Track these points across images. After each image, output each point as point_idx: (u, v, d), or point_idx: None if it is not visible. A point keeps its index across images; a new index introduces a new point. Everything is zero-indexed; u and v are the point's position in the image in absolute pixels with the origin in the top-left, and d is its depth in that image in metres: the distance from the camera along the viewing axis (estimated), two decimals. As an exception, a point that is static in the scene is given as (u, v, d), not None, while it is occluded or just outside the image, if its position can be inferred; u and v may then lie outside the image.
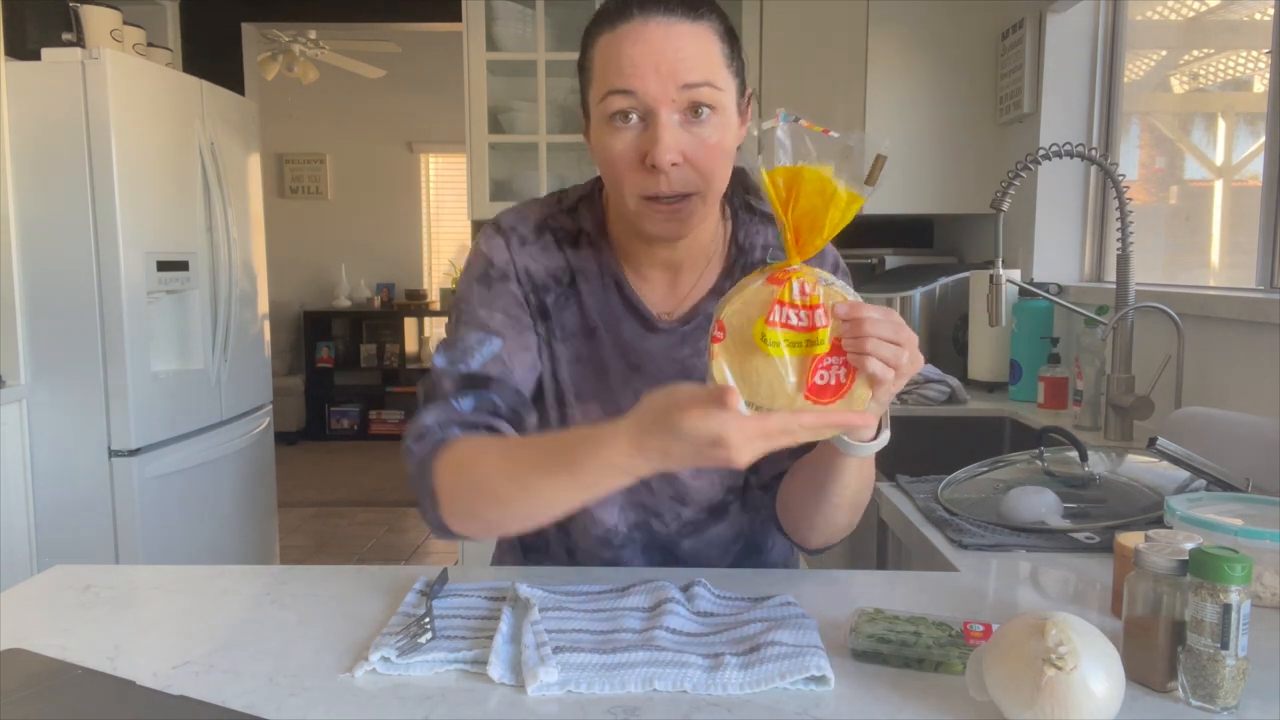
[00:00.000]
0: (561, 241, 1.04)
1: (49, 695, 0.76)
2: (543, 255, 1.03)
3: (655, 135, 0.89)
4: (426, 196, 7.26)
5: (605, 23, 0.92)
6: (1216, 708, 0.74)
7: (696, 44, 0.90)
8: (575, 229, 1.05)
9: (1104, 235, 2.47)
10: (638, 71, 0.89)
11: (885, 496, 1.42)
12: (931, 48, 2.70)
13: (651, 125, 0.90)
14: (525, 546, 1.18)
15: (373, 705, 0.75)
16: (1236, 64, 2.09)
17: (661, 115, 0.89)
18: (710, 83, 0.90)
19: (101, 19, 2.95)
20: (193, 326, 3.10)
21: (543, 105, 3.12)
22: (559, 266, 1.03)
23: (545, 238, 1.04)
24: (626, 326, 1.04)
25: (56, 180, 2.66)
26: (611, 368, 1.04)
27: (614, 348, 1.04)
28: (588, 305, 1.03)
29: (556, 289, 1.03)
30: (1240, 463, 1.25)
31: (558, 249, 1.04)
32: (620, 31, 0.90)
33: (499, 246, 1.03)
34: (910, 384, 2.22)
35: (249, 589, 1.02)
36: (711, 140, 0.91)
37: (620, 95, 0.90)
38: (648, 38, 0.89)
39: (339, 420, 6.97)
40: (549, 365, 1.04)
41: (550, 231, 1.04)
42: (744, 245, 1.06)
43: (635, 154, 0.91)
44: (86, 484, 2.75)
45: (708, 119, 0.91)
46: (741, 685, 0.77)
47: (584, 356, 1.04)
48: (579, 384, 1.04)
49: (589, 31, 0.95)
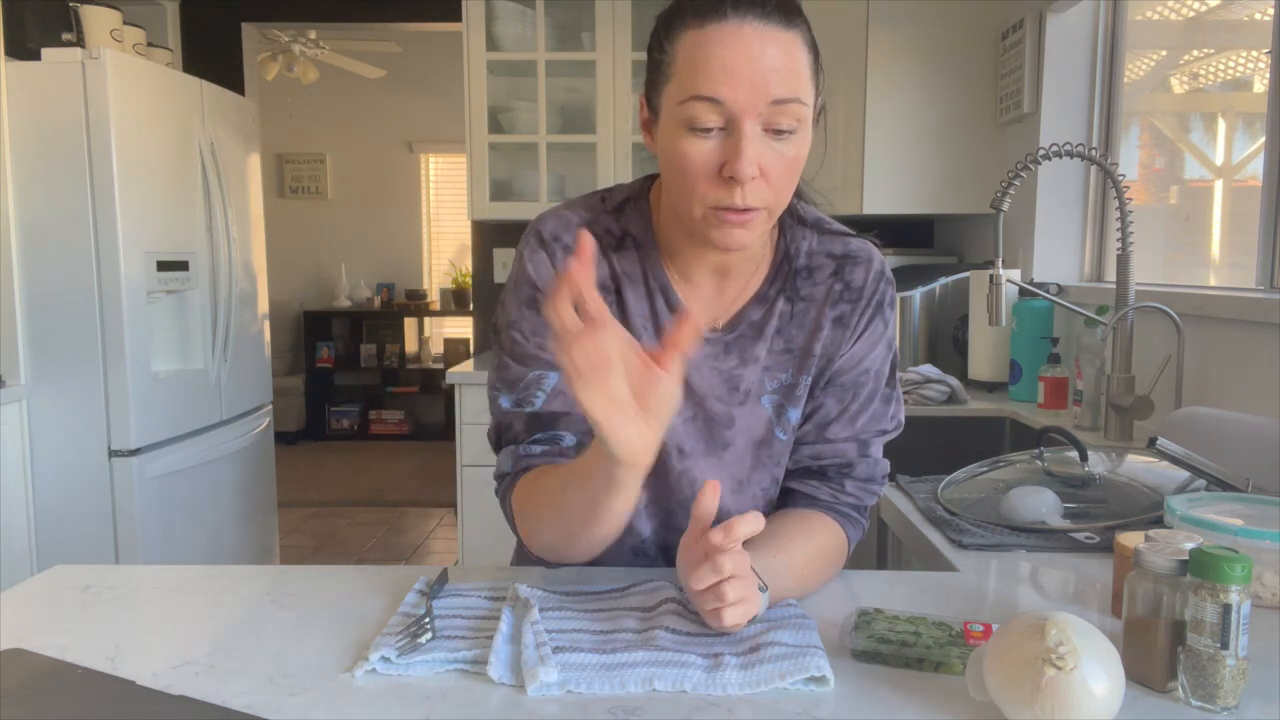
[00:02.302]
0: (606, 247, 0.99)
1: (49, 695, 0.76)
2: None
3: (738, 147, 0.84)
4: (426, 196, 7.26)
5: (692, 16, 0.85)
6: (1216, 708, 0.74)
7: (789, 55, 0.85)
8: (620, 232, 1.00)
9: (1104, 235, 2.47)
10: (728, 79, 0.83)
11: (885, 496, 1.42)
12: (931, 48, 2.70)
13: (734, 135, 0.85)
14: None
15: (373, 705, 0.75)
16: (1236, 64, 2.09)
17: (745, 127, 0.84)
18: (799, 98, 0.85)
19: (101, 19, 2.95)
20: (193, 326, 3.10)
21: (543, 105, 3.12)
22: (604, 275, 0.99)
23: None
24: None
25: (56, 180, 2.66)
26: None
27: None
28: (631, 313, 0.99)
29: (605, 297, 0.97)
30: (1240, 463, 1.25)
31: (602, 255, 0.99)
32: (710, 31, 0.84)
33: (543, 263, 0.98)
34: (910, 384, 2.22)
35: (249, 589, 1.02)
36: (789, 155, 0.87)
37: (705, 102, 0.84)
38: (743, 43, 0.83)
39: (339, 420, 6.97)
40: None
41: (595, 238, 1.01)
42: (790, 252, 1.02)
43: (714, 163, 0.86)
44: (86, 484, 2.75)
45: (789, 134, 0.87)
46: (741, 685, 0.77)
47: None
48: None
49: (669, 21, 0.88)
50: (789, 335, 1.02)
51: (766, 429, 1.02)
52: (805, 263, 1.02)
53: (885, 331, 1.04)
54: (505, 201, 3.24)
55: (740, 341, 1.01)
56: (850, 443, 1.04)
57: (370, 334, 7.04)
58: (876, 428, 1.05)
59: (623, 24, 3.07)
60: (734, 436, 1.02)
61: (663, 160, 0.91)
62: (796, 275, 1.01)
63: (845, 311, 1.01)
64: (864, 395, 1.03)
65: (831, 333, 1.01)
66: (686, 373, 0.94)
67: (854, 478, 1.05)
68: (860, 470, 1.05)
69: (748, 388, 1.01)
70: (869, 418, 1.04)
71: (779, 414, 1.02)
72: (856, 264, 1.03)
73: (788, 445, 1.04)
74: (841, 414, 1.03)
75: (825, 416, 1.04)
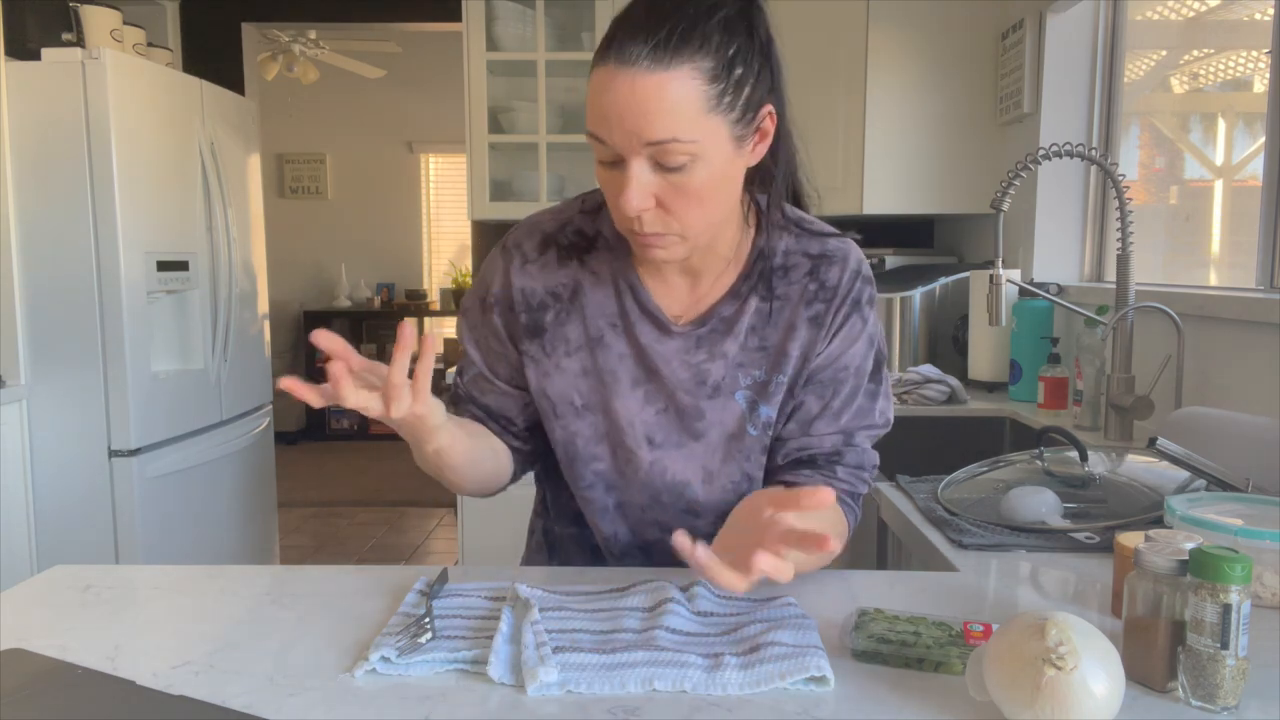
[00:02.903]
0: (571, 252, 1.04)
1: (49, 695, 0.76)
2: (542, 274, 1.04)
3: (621, 184, 0.88)
4: (426, 196, 7.26)
5: (598, 55, 0.88)
6: (1216, 708, 0.74)
7: (664, 97, 0.84)
8: (594, 232, 1.04)
9: (1104, 235, 2.47)
10: (604, 123, 0.87)
11: (885, 496, 1.42)
12: (931, 48, 2.70)
13: (623, 171, 0.88)
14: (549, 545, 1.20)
15: (373, 705, 0.75)
16: (1236, 64, 2.09)
17: (631, 165, 0.87)
18: (676, 138, 0.85)
19: (101, 19, 2.95)
20: (193, 326, 3.10)
21: (543, 105, 3.12)
22: (560, 283, 1.04)
23: (549, 254, 1.04)
24: (642, 330, 1.03)
25: (56, 180, 2.66)
26: (622, 375, 1.04)
27: (628, 351, 1.03)
28: (592, 315, 1.03)
29: (556, 305, 1.04)
30: (1240, 463, 1.25)
31: (560, 265, 1.04)
32: (596, 74, 0.87)
33: (499, 271, 1.06)
34: (910, 384, 2.22)
35: (249, 589, 1.02)
36: (690, 186, 0.88)
37: (596, 140, 0.89)
38: (615, 89, 0.85)
39: (339, 420, 6.97)
40: (537, 382, 1.05)
41: (557, 246, 1.04)
42: (766, 251, 1.04)
43: (615, 190, 0.90)
44: (86, 484, 2.75)
45: (685, 166, 0.87)
46: (741, 685, 0.77)
47: (590, 368, 1.04)
48: (585, 396, 1.05)
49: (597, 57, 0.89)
50: (763, 333, 1.03)
51: (739, 424, 1.05)
52: (781, 261, 1.04)
53: (864, 328, 1.05)
54: (505, 201, 3.24)
55: (711, 336, 1.03)
56: (836, 435, 1.06)
57: (370, 334, 7.04)
58: (862, 424, 1.07)
59: (623, 24, 3.06)
60: (705, 429, 1.04)
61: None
62: (772, 274, 1.03)
63: (820, 311, 1.03)
64: (845, 392, 1.05)
65: (807, 332, 1.03)
66: (657, 365, 1.03)
67: (844, 464, 1.06)
68: (849, 458, 1.06)
69: (716, 382, 1.03)
70: (853, 414, 1.06)
71: (752, 409, 1.04)
72: (832, 263, 1.04)
73: (759, 440, 1.06)
74: (824, 411, 1.05)
75: (808, 414, 1.06)
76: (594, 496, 1.09)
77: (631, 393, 1.04)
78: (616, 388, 1.04)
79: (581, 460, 1.07)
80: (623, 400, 1.04)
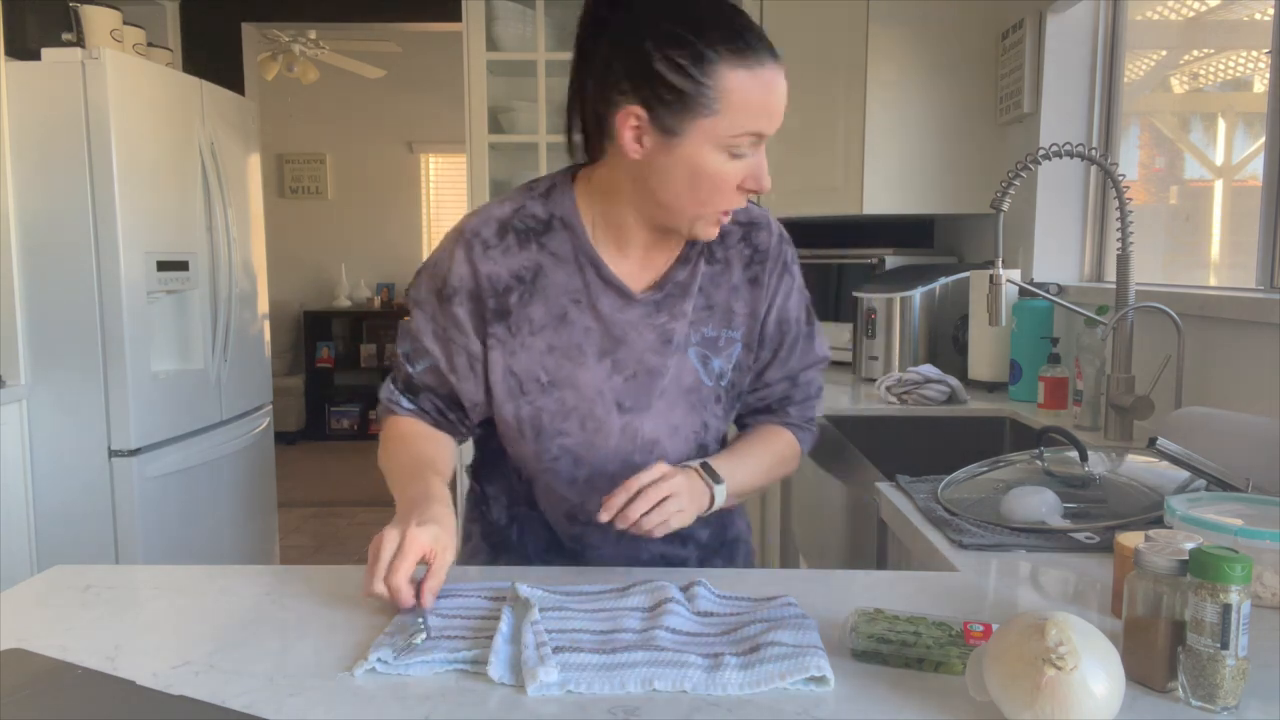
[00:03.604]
0: (529, 235, 1.10)
1: (49, 695, 0.76)
2: (504, 258, 1.09)
3: (762, 168, 1.02)
4: (426, 196, 7.26)
5: (733, 56, 0.96)
6: (1216, 708, 0.74)
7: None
8: (548, 215, 1.10)
9: (1104, 235, 2.47)
10: (772, 119, 1.00)
11: (885, 496, 1.42)
12: (931, 48, 2.70)
13: (757, 157, 1.01)
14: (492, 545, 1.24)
15: (373, 705, 0.75)
16: (1236, 64, 2.09)
17: (761, 151, 1.02)
18: None
19: (101, 19, 2.95)
20: (193, 326, 3.10)
21: (543, 105, 3.12)
22: (522, 265, 1.09)
23: (508, 238, 1.09)
24: (606, 302, 1.10)
25: (56, 180, 2.66)
26: (587, 348, 1.10)
27: (593, 326, 1.10)
28: (555, 295, 1.09)
29: (520, 287, 1.09)
30: (1240, 463, 1.25)
31: (520, 248, 1.09)
32: (757, 75, 0.97)
33: (460, 260, 1.09)
34: (910, 384, 2.22)
35: (249, 589, 1.02)
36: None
37: (754, 135, 0.99)
38: (779, 89, 0.99)
39: (339, 420, 6.97)
40: (503, 362, 1.10)
41: (514, 231, 1.10)
42: None
43: (740, 178, 1.02)
44: (86, 484, 2.75)
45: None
46: (741, 685, 0.77)
47: (557, 345, 1.10)
48: (551, 373, 1.10)
49: (707, 52, 0.96)
50: (709, 293, 1.14)
51: (694, 377, 1.14)
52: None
53: (794, 284, 1.21)
54: (505, 201, 3.24)
55: (669, 300, 1.12)
56: (784, 381, 1.22)
57: (370, 334, 7.04)
58: (805, 363, 1.23)
59: (623, 24, 3.07)
60: (667, 385, 1.13)
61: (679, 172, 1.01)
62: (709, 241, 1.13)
63: (757, 272, 1.16)
64: (789, 340, 1.21)
65: (749, 292, 1.16)
66: (625, 334, 1.11)
67: (794, 403, 1.24)
68: (798, 395, 1.24)
69: (679, 341, 1.13)
70: (798, 357, 1.22)
71: (704, 363, 1.15)
72: (759, 229, 1.18)
73: (714, 391, 1.16)
74: (773, 360, 1.21)
75: (761, 365, 1.20)
76: (560, 469, 1.13)
77: (599, 363, 1.10)
78: (583, 360, 1.10)
79: (547, 435, 1.12)
80: (589, 372, 1.10)
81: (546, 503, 1.18)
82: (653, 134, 0.99)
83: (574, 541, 1.19)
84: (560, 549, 1.21)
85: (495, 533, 1.24)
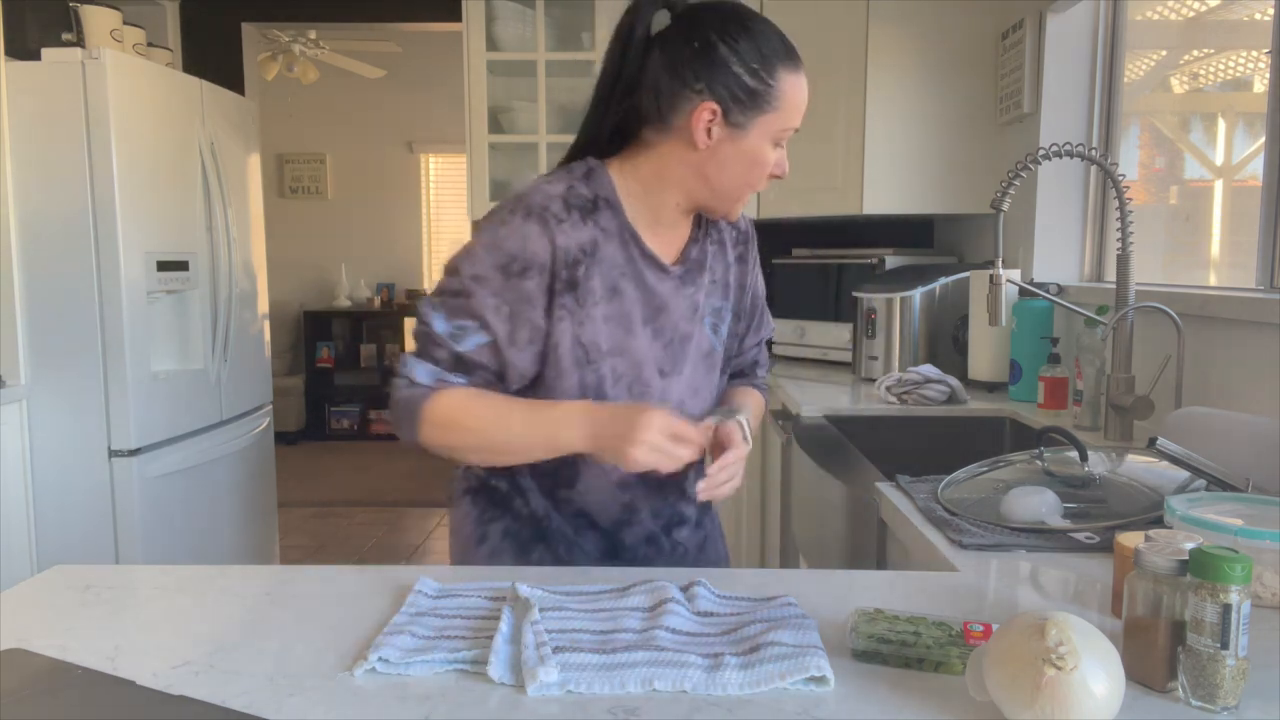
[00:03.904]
0: (585, 213, 1.15)
1: (49, 695, 0.76)
2: (573, 230, 1.14)
3: (785, 157, 1.19)
4: (426, 196, 7.26)
5: (790, 61, 1.14)
6: (1216, 708, 0.74)
7: None
8: (593, 195, 1.17)
9: (1104, 235, 2.47)
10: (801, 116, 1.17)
11: (885, 496, 1.42)
12: (931, 48, 2.70)
13: (782, 149, 1.18)
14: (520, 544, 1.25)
15: (373, 705, 0.75)
16: (1236, 64, 2.09)
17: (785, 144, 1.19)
18: None
19: (101, 19, 2.95)
20: (193, 326, 3.10)
21: (543, 105, 3.12)
22: (586, 239, 1.15)
23: (573, 214, 1.15)
24: (649, 275, 1.20)
25: (56, 180, 2.66)
26: (635, 317, 1.19)
27: (638, 296, 1.19)
28: (607, 268, 1.17)
29: (584, 260, 1.15)
30: (1240, 463, 1.25)
31: (582, 221, 1.15)
32: (800, 78, 1.15)
33: (535, 234, 1.12)
34: (910, 384, 2.22)
35: (249, 589, 1.02)
36: None
37: (793, 130, 1.17)
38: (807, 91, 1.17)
39: (339, 420, 6.97)
40: (572, 332, 1.15)
41: (574, 206, 1.15)
42: None
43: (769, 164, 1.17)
44: (86, 484, 2.75)
45: None
46: (741, 685, 0.77)
47: (611, 315, 1.17)
48: (608, 341, 1.18)
49: (771, 59, 1.12)
50: (713, 269, 1.28)
51: (709, 343, 1.28)
52: None
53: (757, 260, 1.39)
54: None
55: (690, 274, 1.24)
56: (756, 346, 1.44)
57: (370, 334, 7.04)
58: (766, 333, 1.45)
59: (623, 24, 3.06)
60: (690, 351, 1.25)
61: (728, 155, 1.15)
62: (708, 222, 1.28)
63: (742, 250, 1.34)
64: (759, 310, 1.41)
65: (737, 268, 1.32)
66: (664, 303, 1.21)
67: (760, 365, 1.47)
68: (761, 358, 1.47)
69: (701, 311, 1.25)
70: (764, 326, 1.43)
71: (714, 330, 1.29)
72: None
73: (720, 356, 1.31)
74: (749, 329, 1.40)
75: (741, 333, 1.37)
76: None
77: (643, 331, 1.19)
78: (633, 329, 1.19)
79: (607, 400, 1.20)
80: (637, 339, 1.19)
81: (594, 474, 1.22)
82: (723, 127, 1.13)
83: (623, 510, 1.25)
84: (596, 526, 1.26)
85: (528, 524, 1.26)
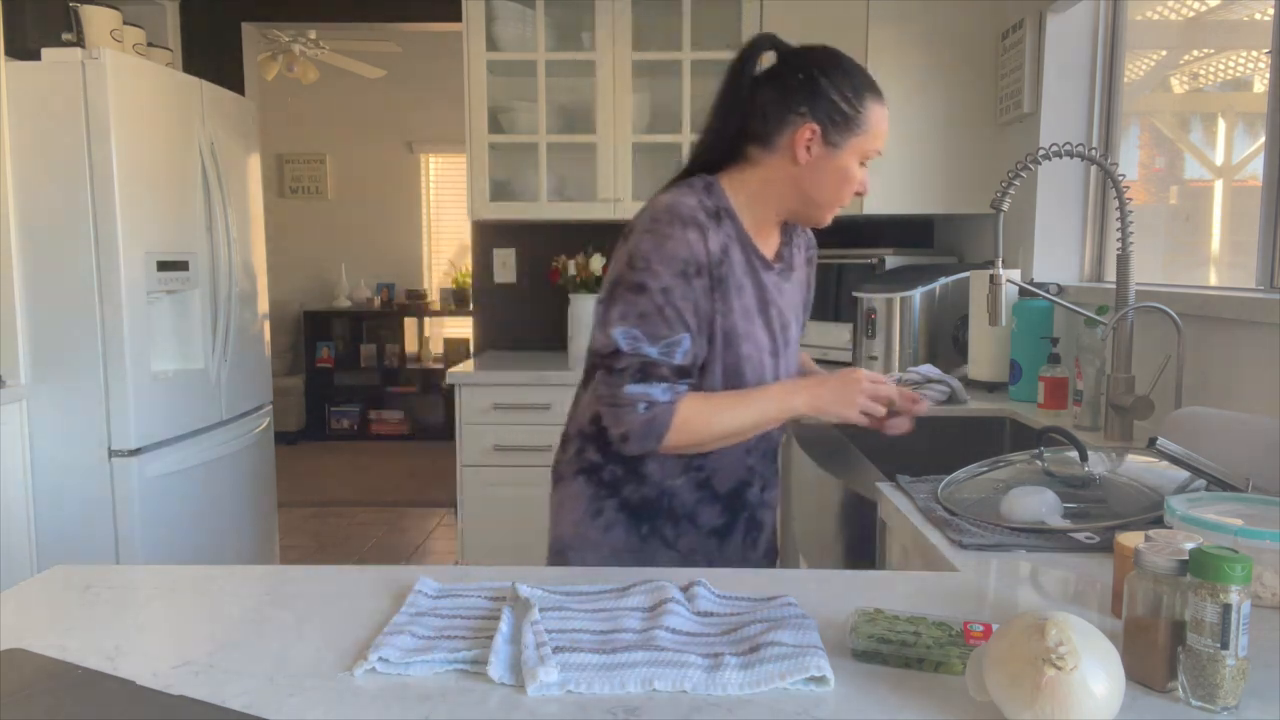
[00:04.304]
0: (717, 221, 1.33)
1: (49, 695, 0.76)
2: (715, 235, 1.31)
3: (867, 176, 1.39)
4: (426, 196, 7.25)
5: (876, 94, 1.36)
6: (1216, 708, 0.74)
7: None
8: (714, 206, 1.33)
9: (1104, 235, 2.47)
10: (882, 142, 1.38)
11: (885, 496, 1.42)
12: (931, 48, 2.70)
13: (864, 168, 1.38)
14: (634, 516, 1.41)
15: (373, 705, 0.75)
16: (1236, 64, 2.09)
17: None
18: None
19: (101, 19, 2.95)
20: (193, 326, 3.10)
21: (543, 105, 3.12)
22: (723, 242, 1.32)
23: (711, 221, 1.32)
24: (762, 273, 1.38)
25: (56, 180, 2.66)
26: (753, 309, 1.37)
27: (755, 291, 1.37)
28: (737, 267, 1.34)
29: (725, 260, 1.32)
30: (1240, 463, 1.25)
31: (717, 227, 1.32)
32: (884, 109, 1.37)
33: (696, 240, 1.29)
34: (910, 384, 2.22)
35: (249, 589, 1.02)
36: None
37: (876, 152, 1.37)
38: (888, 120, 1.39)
39: (339, 420, 6.96)
40: (720, 323, 1.33)
41: (712, 216, 1.32)
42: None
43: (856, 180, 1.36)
44: (86, 484, 2.75)
45: None
46: (741, 685, 0.77)
47: (741, 307, 1.35)
48: (742, 329, 1.35)
49: (862, 90, 1.34)
50: (797, 269, 1.48)
51: (796, 329, 1.48)
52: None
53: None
54: (505, 201, 3.24)
55: (785, 272, 1.44)
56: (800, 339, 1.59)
57: (370, 334, 7.04)
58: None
59: (623, 24, 3.07)
60: (790, 336, 1.45)
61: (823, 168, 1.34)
62: (790, 230, 1.48)
63: (812, 254, 1.55)
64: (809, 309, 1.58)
65: (804, 271, 1.51)
66: (774, 297, 1.40)
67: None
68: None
69: (793, 302, 1.46)
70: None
71: (797, 319, 1.48)
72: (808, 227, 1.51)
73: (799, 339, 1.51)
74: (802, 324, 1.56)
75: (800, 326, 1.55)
76: None
77: (760, 318, 1.38)
78: (753, 318, 1.37)
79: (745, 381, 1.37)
80: (757, 327, 1.38)
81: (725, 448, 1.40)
82: (820, 145, 1.32)
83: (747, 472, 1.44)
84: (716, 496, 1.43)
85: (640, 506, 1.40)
